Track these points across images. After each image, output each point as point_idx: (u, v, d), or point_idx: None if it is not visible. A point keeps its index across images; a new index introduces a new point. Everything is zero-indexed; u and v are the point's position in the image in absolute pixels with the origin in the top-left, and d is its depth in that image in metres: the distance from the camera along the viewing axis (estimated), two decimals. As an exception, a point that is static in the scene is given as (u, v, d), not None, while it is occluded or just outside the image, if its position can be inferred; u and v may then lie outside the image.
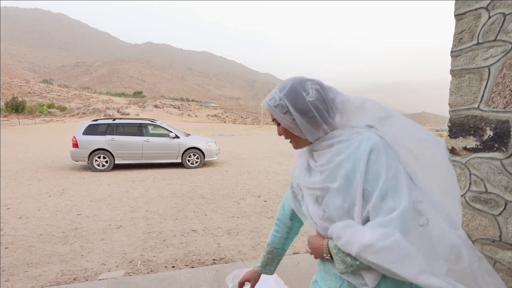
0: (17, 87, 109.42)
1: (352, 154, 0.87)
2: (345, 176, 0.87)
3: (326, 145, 0.94)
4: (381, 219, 0.79)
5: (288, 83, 0.95)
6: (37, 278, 2.99)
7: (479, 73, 1.85)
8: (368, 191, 0.83)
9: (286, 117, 0.94)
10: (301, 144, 0.99)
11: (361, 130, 0.92)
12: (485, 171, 1.82)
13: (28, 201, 5.60)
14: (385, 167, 0.82)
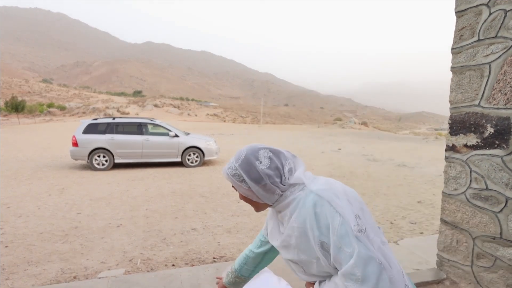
0: (17, 87, 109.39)
1: (300, 210, 0.94)
2: (303, 234, 0.94)
3: (284, 205, 1.00)
4: (345, 269, 0.85)
5: (242, 153, 1.01)
6: (37, 277, 2.98)
7: (480, 70, 1.85)
8: (325, 243, 0.90)
9: (242, 185, 0.99)
10: (261, 208, 1.05)
11: (304, 187, 0.98)
12: (486, 168, 1.82)
13: (28, 200, 5.60)
14: (330, 217, 0.88)
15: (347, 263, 0.85)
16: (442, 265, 2.25)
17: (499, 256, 1.80)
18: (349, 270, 0.84)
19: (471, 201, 1.93)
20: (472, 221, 1.93)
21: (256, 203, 1.04)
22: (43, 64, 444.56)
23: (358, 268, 0.82)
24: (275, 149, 1.03)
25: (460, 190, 1.99)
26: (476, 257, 1.93)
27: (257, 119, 67.46)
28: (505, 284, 1.76)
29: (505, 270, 1.78)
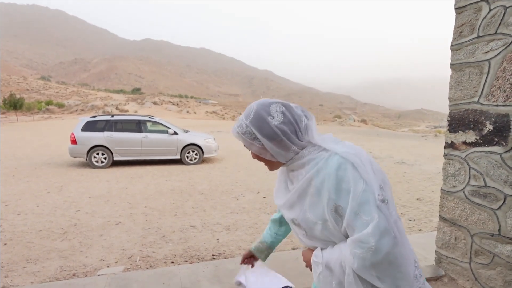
0: (15, 84, 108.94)
1: (321, 171, 0.89)
2: (315, 193, 0.90)
3: (300, 165, 0.95)
4: (358, 236, 0.82)
5: (252, 109, 0.95)
6: (36, 274, 2.98)
7: (479, 67, 1.84)
8: (341, 207, 0.85)
9: (254, 143, 0.94)
10: (275, 166, 1.01)
11: (327, 147, 0.93)
12: (485, 165, 1.82)
13: (27, 198, 5.59)
14: (353, 182, 0.83)
15: (362, 230, 0.81)
16: (440, 262, 2.26)
17: (497, 253, 1.81)
18: (362, 238, 0.81)
19: (470, 198, 1.93)
20: (471, 218, 1.94)
21: (270, 161, 0.99)
22: (41, 61, 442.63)
23: (374, 238, 0.79)
24: (287, 103, 0.97)
25: (459, 187, 2.00)
26: (474, 254, 1.94)
27: (256, 116, 66.79)
28: (503, 281, 1.77)
29: (503, 267, 1.78)
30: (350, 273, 0.86)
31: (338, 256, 0.89)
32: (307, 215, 0.93)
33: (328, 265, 0.91)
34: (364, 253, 0.80)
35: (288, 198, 1.00)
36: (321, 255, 0.94)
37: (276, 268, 2.81)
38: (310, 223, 0.93)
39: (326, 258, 0.92)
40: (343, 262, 0.87)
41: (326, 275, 0.92)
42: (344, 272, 0.88)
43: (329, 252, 0.93)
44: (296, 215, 0.97)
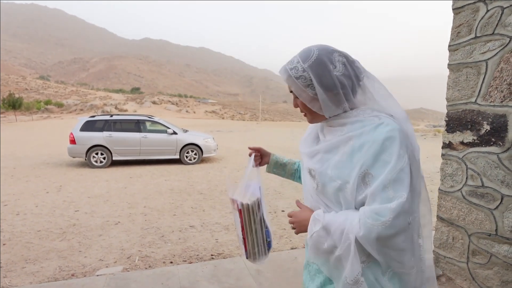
0: (14, 84, 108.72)
1: (365, 134, 0.83)
2: (349, 153, 0.84)
3: (341, 123, 0.90)
4: (377, 207, 0.78)
5: (313, 53, 0.86)
6: (35, 274, 2.98)
7: (477, 67, 1.85)
8: (372, 175, 0.81)
9: (307, 90, 0.86)
10: (317, 119, 0.94)
11: (381, 115, 0.87)
12: (482, 165, 1.83)
13: (26, 198, 5.58)
14: (396, 157, 0.79)
15: (383, 203, 0.78)
16: (438, 262, 2.27)
17: (494, 253, 1.81)
18: (381, 210, 0.77)
19: (467, 198, 1.94)
20: (468, 218, 1.94)
21: (314, 113, 0.92)
22: (40, 61, 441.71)
23: (392, 214, 0.76)
24: (349, 54, 0.90)
25: (456, 187, 2.00)
26: (471, 254, 1.95)
27: (255, 116, 67.33)
28: (500, 281, 1.78)
29: (500, 266, 1.79)
30: (352, 240, 0.82)
31: (341, 222, 0.84)
32: (328, 171, 0.88)
33: (327, 226, 0.87)
34: (376, 225, 0.77)
35: (315, 149, 0.95)
36: (323, 215, 0.89)
37: (275, 268, 2.83)
38: (327, 178, 0.88)
39: (327, 220, 0.88)
40: (347, 229, 0.82)
41: (321, 235, 0.88)
42: (341, 238, 0.84)
43: (332, 216, 0.88)
44: (316, 167, 0.92)
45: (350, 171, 0.83)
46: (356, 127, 0.86)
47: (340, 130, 0.89)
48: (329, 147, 0.90)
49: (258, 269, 2.81)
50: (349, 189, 0.83)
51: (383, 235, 0.77)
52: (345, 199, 0.86)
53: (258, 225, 1.09)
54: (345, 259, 0.84)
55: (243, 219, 1.07)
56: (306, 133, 1.07)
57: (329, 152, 0.90)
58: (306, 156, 0.98)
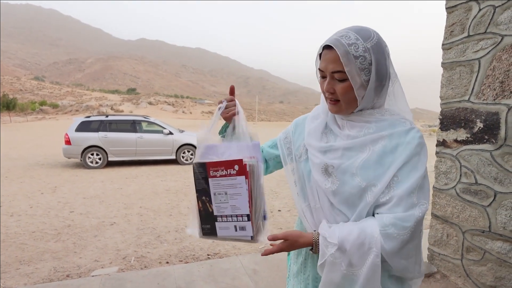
0: (8, 84, 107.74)
1: (398, 137, 0.79)
2: (379, 153, 0.79)
3: (364, 120, 0.84)
4: (401, 214, 0.74)
5: (373, 34, 0.78)
6: (29, 276, 2.95)
7: (470, 66, 1.86)
8: (398, 178, 0.77)
9: (361, 74, 0.77)
10: (347, 110, 0.84)
11: (405, 119, 0.83)
12: (475, 162, 1.84)
13: (20, 199, 5.53)
14: (423, 164, 0.77)
15: (407, 210, 0.73)
16: (433, 259, 2.28)
17: (488, 249, 1.83)
18: (406, 218, 0.73)
19: (461, 196, 1.95)
20: (462, 215, 1.96)
21: (347, 101, 0.82)
22: (35, 61, 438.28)
23: (415, 222, 0.73)
24: None
25: (450, 184, 2.02)
26: (466, 251, 1.96)
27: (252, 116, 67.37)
28: (493, 277, 1.79)
29: (494, 263, 1.81)
30: (374, 255, 0.73)
31: (357, 236, 0.75)
32: (352, 170, 0.80)
33: (342, 245, 0.76)
34: (401, 234, 0.72)
35: (334, 144, 0.85)
36: (336, 234, 0.78)
37: (271, 267, 2.82)
38: (350, 178, 0.80)
39: (341, 238, 0.76)
40: (368, 244, 0.74)
41: (337, 257, 0.76)
42: (361, 255, 0.75)
43: (343, 230, 0.78)
44: (337, 163, 0.82)
45: (380, 173, 0.77)
46: (385, 126, 0.81)
47: (366, 127, 0.82)
48: (354, 144, 0.82)
49: (254, 269, 2.81)
50: (375, 192, 0.77)
51: (407, 243, 0.74)
52: (365, 203, 0.78)
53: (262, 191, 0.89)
54: (364, 278, 0.75)
55: (251, 185, 0.85)
56: (311, 123, 0.95)
57: (353, 150, 0.82)
58: (317, 151, 0.87)
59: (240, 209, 0.86)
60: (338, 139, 0.87)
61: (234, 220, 0.88)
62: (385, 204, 0.77)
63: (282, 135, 1.06)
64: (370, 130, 0.82)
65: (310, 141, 0.92)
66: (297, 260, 0.98)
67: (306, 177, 0.91)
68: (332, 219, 0.85)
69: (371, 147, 0.80)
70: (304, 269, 0.95)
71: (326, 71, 0.81)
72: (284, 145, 1.02)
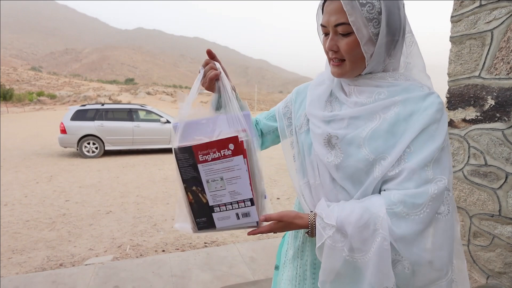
0: (4, 75, 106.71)
1: (412, 102, 0.68)
2: (391, 121, 0.67)
3: (374, 84, 0.72)
4: (412, 191, 0.63)
5: None
6: (22, 265, 2.88)
7: (481, 38, 1.73)
8: (410, 149, 0.66)
9: (368, 25, 0.66)
10: (353, 72, 0.73)
11: (426, 86, 0.72)
12: (485, 143, 1.73)
13: (15, 188, 5.44)
14: (443, 135, 0.66)
15: (420, 186, 0.62)
16: (437, 245, 2.19)
17: (497, 234, 1.74)
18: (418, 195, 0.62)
19: (469, 178, 1.85)
20: (470, 199, 1.86)
21: (356, 62, 0.71)
22: (31, 52, 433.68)
23: (431, 201, 0.62)
24: None
25: (457, 167, 1.91)
26: (473, 236, 1.87)
27: (251, 106, 66.99)
28: (502, 263, 1.71)
29: (503, 248, 1.72)
30: (382, 238, 0.62)
31: (360, 216, 0.64)
32: (359, 142, 0.69)
33: (342, 227, 0.66)
34: (410, 213, 0.61)
35: (339, 113, 0.74)
36: (335, 214, 0.68)
37: (269, 255, 2.74)
38: (356, 149, 0.69)
39: (341, 219, 0.66)
40: (373, 226, 0.63)
41: (336, 240, 0.66)
42: (362, 235, 0.64)
43: (345, 211, 0.67)
44: (341, 133, 0.72)
45: (392, 144, 0.66)
46: (398, 91, 0.70)
47: (376, 92, 0.71)
48: (363, 111, 0.71)
49: (251, 257, 2.74)
50: (385, 166, 0.66)
51: (422, 229, 0.62)
52: (372, 178, 0.68)
53: (259, 167, 0.77)
54: (373, 266, 0.63)
55: (249, 164, 0.73)
56: (314, 90, 0.84)
57: (360, 118, 0.71)
58: (320, 121, 0.77)
59: (241, 194, 0.73)
60: (344, 108, 0.76)
61: (235, 207, 0.75)
62: (394, 179, 0.66)
63: (281, 104, 0.95)
64: (381, 96, 0.71)
65: (312, 110, 0.80)
66: (294, 244, 0.88)
67: (306, 150, 0.81)
68: (333, 197, 0.74)
69: (382, 114, 0.69)
70: (302, 254, 0.85)
71: (329, 26, 0.69)
72: (284, 115, 0.91)
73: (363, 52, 0.69)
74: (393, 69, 0.75)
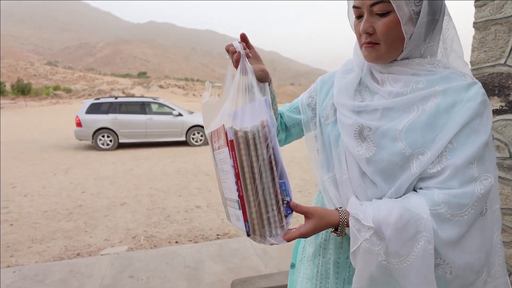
0: (22, 70, 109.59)
1: (454, 93, 0.63)
2: (431, 113, 0.62)
3: (411, 72, 0.67)
4: (457, 191, 0.58)
5: None
6: (41, 254, 2.97)
7: (508, 24, 1.63)
8: (453, 145, 0.61)
9: (410, 3, 0.62)
10: (384, 55, 0.68)
11: (468, 75, 0.67)
12: (510, 134, 1.65)
13: (34, 180, 5.61)
14: (488, 129, 0.62)
15: (465, 185, 0.58)
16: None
17: (520, 230, 1.66)
18: (465, 195, 0.57)
19: (491, 172, 1.77)
20: (491, 193, 1.79)
21: (393, 44, 0.66)
22: (47, 47, 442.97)
23: (476, 201, 0.57)
24: None
25: (478, 160, 1.84)
26: (494, 231, 1.80)
27: (262, 98, 66.36)
28: (526, 259, 1.64)
29: (527, 244, 1.64)
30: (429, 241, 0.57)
31: (399, 217, 0.59)
32: (395, 134, 0.64)
33: (379, 229, 0.60)
34: (454, 215, 0.57)
35: (370, 104, 0.69)
36: (369, 214, 0.62)
37: (282, 247, 2.72)
38: (391, 142, 0.64)
39: (378, 220, 0.61)
40: (418, 226, 0.58)
41: (374, 243, 0.61)
42: (402, 238, 0.58)
43: (382, 210, 0.61)
44: (375, 124, 0.66)
45: (431, 138, 0.61)
46: (437, 80, 0.65)
47: (414, 81, 0.66)
48: (398, 103, 0.65)
49: (264, 249, 2.73)
50: (423, 161, 0.61)
51: (465, 232, 0.58)
52: (408, 174, 0.63)
53: (266, 172, 0.62)
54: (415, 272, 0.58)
55: (237, 161, 0.61)
56: (341, 79, 0.78)
57: (396, 110, 0.66)
58: (350, 111, 0.71)
59: (232, 191, 0.64)
60: (376, 98, 0.71)
61: (230, 205, 0.68)
62: (434, 177, 0.61)
63: (305, 95, 0.90)
64: (419, 85, 0.65)
65: (341, 99, 0.75)
66: (315, 241, 0.83)
67: (333, 143, 0.76)
68: (362, 193, 0.69)
69: (420, 106, 0.64)
70: (324, 252, 0.80)
71: (363, 6, 0.65)
72: (308, 106, 0.87)
73: (403, 33, 0.64)
74: (431, 55, 0.70)
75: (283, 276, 1.85)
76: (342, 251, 0.76)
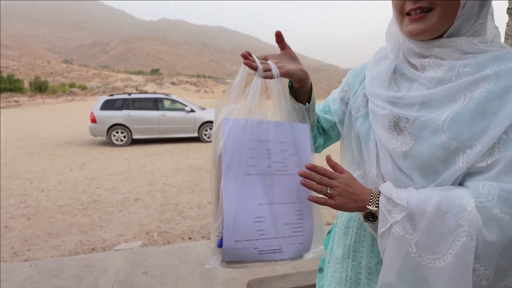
0: (39, 68, 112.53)
1: (508, 75, 0.54)
2: (481, 100, 0.54)
3: (456, 52, 0.59)
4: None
5: None
6: (57, 248, 3.00)
7: (548, 9, 1.51)
8: (508, 135, 0.53)
9: None
10: (434, 27, 0.59)
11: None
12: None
13: (50, 175, 5.71)
14: None
15: None
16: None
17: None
18: None
19: None
20: None
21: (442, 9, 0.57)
22: (63, 45, 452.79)
23: None
24: None
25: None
26: None
27: (274, 94, 66.15)
28: None
29: None
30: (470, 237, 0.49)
31: (438, 205, 0.52)
32: (436, 126, 0.56)
33: (412, 215, 0.53)
34: (509, 213, 0.49)
35: (405, 95, 0.62)
36: (400, 192, 0.56)
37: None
38: (432, 134, 0.57)
39: (412, 205, 0.54)
40: (459, 219, 0.50)
41: (403, 228, 0.54)
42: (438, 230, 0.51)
43: (421, 196, 0.55)
44: (412, 115, 0.59)
45: (481, 129, 0.53)
46: (486, 62, 0.56)
47: (460, 65, 0.58)
48: (441, 92, 0.58)
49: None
50: (472, 155, 0.53)
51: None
52: (453, 170, 0.55)
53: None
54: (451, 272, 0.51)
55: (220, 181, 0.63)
56: (374, 67, 0.72)
57: (437, 99, 0.58)
58: (384, 101, 0.64)
59: None
60: (415, 86, 0.63)
61: None
62: (484, 172, 0.54)
63: (339, 91, 0.83)
64: (466, 69, 0.57)
65: (373, 89, 0.68)
66: (344, 242, 0.76)
67: (363, 136, 0.69)
68: None
69: (468, 93, 0.56)
70: (354, 254, 0.73)
71: None
72: (341, 101, 0.81)
73: (447, 8, 0.56)
74: (480, 33, 0.62)
75: (301, 277, 1.79)
76: (373, 255, 0.69)
